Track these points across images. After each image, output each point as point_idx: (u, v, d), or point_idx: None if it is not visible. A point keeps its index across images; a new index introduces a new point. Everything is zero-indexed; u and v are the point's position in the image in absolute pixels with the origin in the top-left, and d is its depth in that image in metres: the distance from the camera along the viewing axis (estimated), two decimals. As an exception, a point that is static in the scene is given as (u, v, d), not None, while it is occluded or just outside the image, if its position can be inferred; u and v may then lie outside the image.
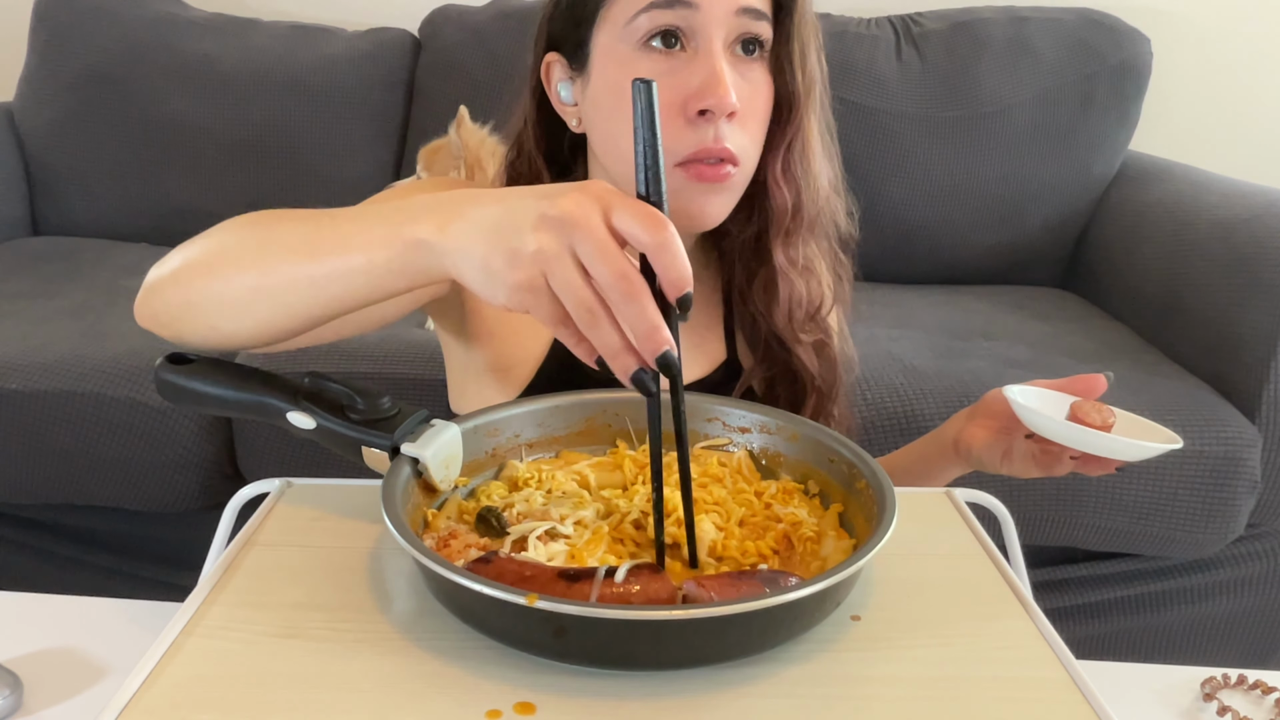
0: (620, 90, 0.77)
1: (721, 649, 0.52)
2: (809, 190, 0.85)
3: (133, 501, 1.49)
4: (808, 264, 0.89)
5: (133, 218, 2.08)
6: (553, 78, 0.86)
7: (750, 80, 0.80)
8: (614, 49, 0.79)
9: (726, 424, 0.74)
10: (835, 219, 0.90)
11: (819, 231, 0.89)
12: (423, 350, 1.46)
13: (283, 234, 0.66)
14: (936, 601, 0.59)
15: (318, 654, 0.53)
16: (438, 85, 2.02)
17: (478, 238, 0.55)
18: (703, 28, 0.77)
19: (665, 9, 0.76)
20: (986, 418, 0.84)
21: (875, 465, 0.64)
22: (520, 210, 0.54)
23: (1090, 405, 0.74)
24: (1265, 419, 1.38)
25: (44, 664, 0.75)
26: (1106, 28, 1.93)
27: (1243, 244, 1.49)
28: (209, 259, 0.69)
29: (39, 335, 1.53)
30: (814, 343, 0.90)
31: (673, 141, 0.77)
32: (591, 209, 0.52)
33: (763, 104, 0.81)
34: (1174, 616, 1.53)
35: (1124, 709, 0.50)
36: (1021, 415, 0.74)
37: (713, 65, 0.76)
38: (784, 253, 0.87)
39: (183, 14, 2.12)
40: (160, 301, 0.71)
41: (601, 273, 0.51)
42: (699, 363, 0.93)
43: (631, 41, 0.78)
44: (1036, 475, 0.81)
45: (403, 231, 0.59)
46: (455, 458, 0.66)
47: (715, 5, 0.76)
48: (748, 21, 0.78)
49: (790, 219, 0.86)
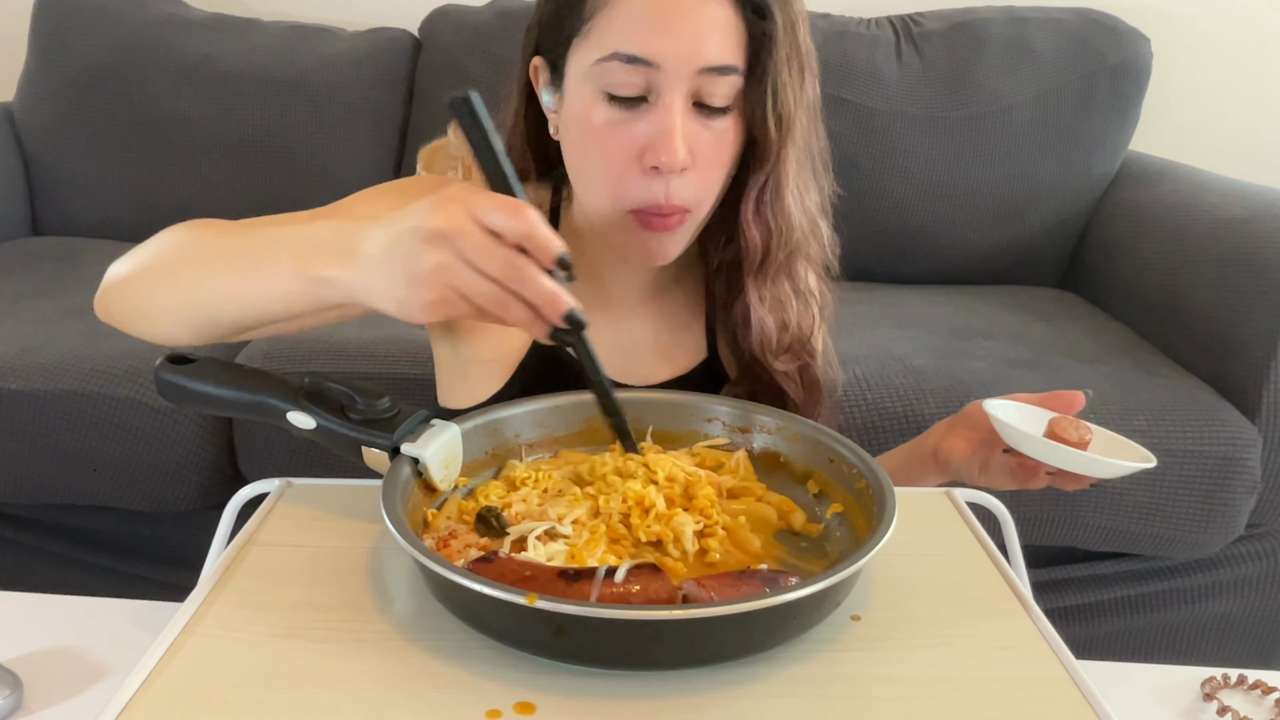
0: (582, 127, 0.79)
1: (721, 649, 0.52)
2: (782, 231, 0.84)
3: (133, 501, 1.49)
4: (781, 300, 0.88)
5: (133, 218, 2.07)
6: (539, 80, 0.86)
7: (714, 130, 0.78)
8: (581, 85, 0.78)
9: (726, 424, 0.74)
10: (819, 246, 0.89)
11: (797, 265, 0.88)
12: (423, 350, 1.46)
13: (208, 251, 0.74)
14: (936, 601, 0.59)
15: (318, 654, 0.53)
16: (438, 85, 2.02)
17: (377, 272, 0.62)
18: (664, 83, 0.75)
19: (627, 64, 0.75)
20: (967, 429, 0.84)
21: (875, 465, 0.64)
22: (403, 235, 0.60)
23: (1068, 421, 0.75)
24: (1265, 419, 1.38)
25: (44, 664, 0.75)
26: (1106, 28, 1.93)
27: (1243, 244, 1.49)
28: (148, 271, 0.77)
29: (39, 335, 1.53)
30: (796, 367, 0.90)
31: (625, 189, 0.78)
32: (462, 216, 0.58)
33: (726, 152, 0.80)
34: (1174, 616, 1.53)
35: (1124, 709, 0.50)
36: (1000, 431, 0.75)
37: (668, 122, 0.75)
38: (756, 290, 0.86)
39: (183, 14, 2.12)
40: (112, 305, 0.80)
41: (491, 268, 0.58)
42: (678, 360, 0.93)
43: (595, 83, 0.77)
44: (1012, 488, 0.82)
45: (308, 269, 0.65)
46: (455, 458, 0.67)
47: (678, 63, 0.74)
48: (711, 78, 0.75)
49: (761, 259, 0.85)
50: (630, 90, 0.76)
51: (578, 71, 0.79)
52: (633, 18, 0.75)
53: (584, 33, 0.78)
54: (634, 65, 0.75)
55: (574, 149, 0.82)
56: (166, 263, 0.77)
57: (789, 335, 0.89)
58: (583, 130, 0.79)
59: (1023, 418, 0.77)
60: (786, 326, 0.88)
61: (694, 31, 0.74)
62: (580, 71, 0.78)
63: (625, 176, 0.78)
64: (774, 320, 0.87)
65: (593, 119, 0.77)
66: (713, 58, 0.75)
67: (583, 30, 0.78)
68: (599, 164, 0.79)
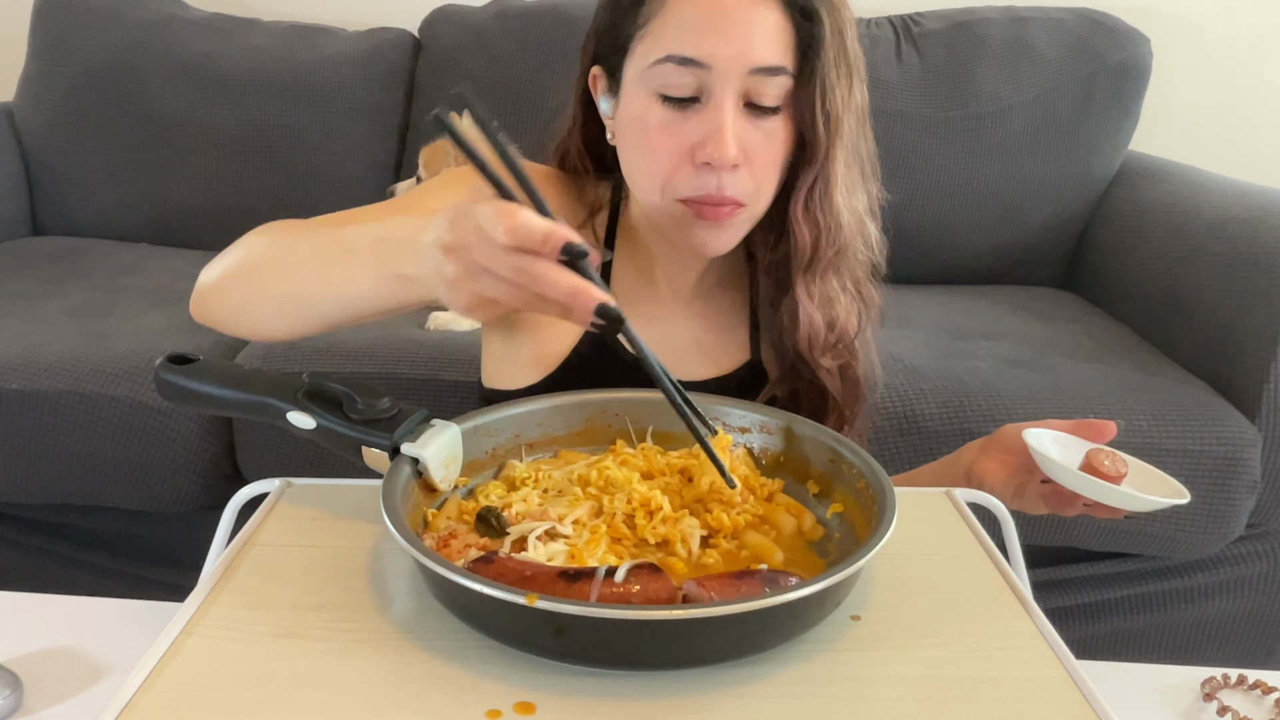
0: (637, 127, 0.82)
1: (721, 649, 0.52)
2: (830, 229, 0.86)
3: (133, 501, 1.49)
4: (829, 297, 0.90)
5: (133, 218, 2.07)
6: (598, 89, 0.89)
7: (764, 130, 0.81)
8: (637, 88, 0.82)
9: (727, 424, 0.74)
10: (866, 247, 0.91)
11: (845, 263, 0.90)
12: (423, 350, 1.46)
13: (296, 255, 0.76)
14: (936, 601, 0.59)
15: (318, 654, 0.53)
16: (438, 85, 2.02)
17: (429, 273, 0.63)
18: (715, 84, 0.78)
19: (680, 65, 0.78)
20: (1002, 453, 0.85)
21: (875, 465, 0.64)
22: (429, 248, 0.62)
23: (1105, 454, 0.76)
24: (1265, 419, 1.38)
25: (44, 664, 0.75)
26: (1106, 28, 1.93)
27: (1243, 244, 1.49)
28: (241, 274, 0.79)
29: (39, 335, 1.53)
30: (838, 365, 0.92)
31: (677, 182, 0.81)
32: (467, 229, 0.59)
33: (777, 152, 0.82)
34: (1174, 616, 1.53)
35: (1124, 709, 0.50)
36: (1041, 464, 0.77)
37: (720, 120, 0.78)
38: (804, 287, 0.88)
39: (183, 14, 2.12)
40: (210, 306, 0.82)
41: (506, 273, 0.58)
42: (720, 361, 0.95)
43: (650, 85, 0.80)
44: (1044, 513, 0.83)
45: (388, 266, 0.67)
46: (455, 458, 0.67)
47: (729, 64, 0.77)
48: (761, 79, 0.78)
49: (810, 256, 0.87)
50: (683, 91, 0.79)
51: (634, 76, 0.82)
52: (685, 21, 0.78)
53: (639, 38, 0.81)
54: (686, 66, 0.78)
55: (629, 148, 0.85)
56: (257, 265, 0.78)
57: (835, 333, 0.90)
58: (638, 130, 0.82)
59: (1060, 448, 0.79)
60: (834, 324, 0.90)
61: (744, 33, 0.77)
62: (636, 76, 0.82)
63: (678, 171, 0.81)
64: (822, 318, 0.89)
65: (648, 119, 0.81)
66: (762, 59, 0.78)
67: (638, 35, 0.81)
68: (652, 161, 0.82)
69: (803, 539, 0.65)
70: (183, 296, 0.85)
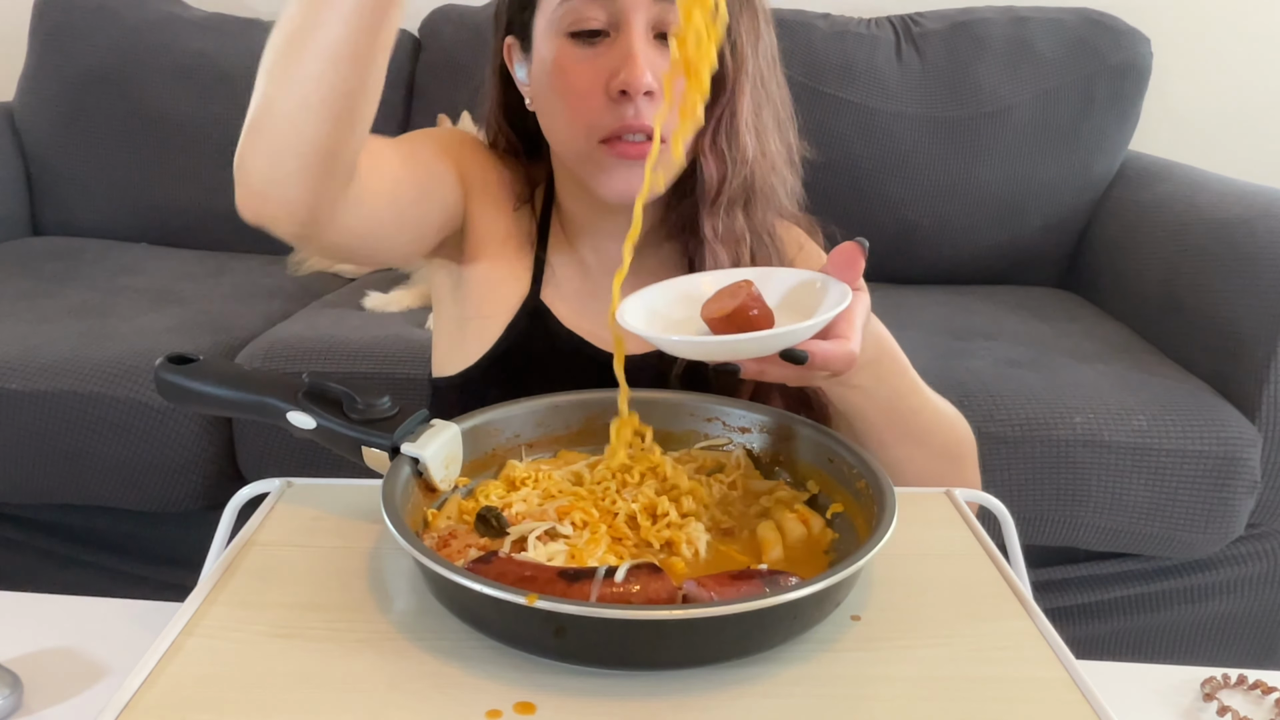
0: (550, 73, 0.83)
1: (721, 649, 0.52)
2: (736, 163, 0.86)
3: (133, 501, 1.49)
4: (736, 237, 0.89)
5: (133, 218, 2.07)
6: (513, 59, 0.89)
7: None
8: (547, 35, 0.83)
9: (726, 424, 0.74)
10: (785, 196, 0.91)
11: (756, 204, 0.89)
12: (423, 350, 1.46)
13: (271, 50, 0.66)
14: (936, 601, 0.59)
15: (318, 654, 0.53)
16: (438, 85, 2.02)
17: None
18: (624, 13, 0.80)
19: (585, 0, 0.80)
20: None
21: (875, 465, 0.64)
22: None
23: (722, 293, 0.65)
24: (1265, 419, 1.38)
25: (44, 664, 0.75)
26: (1106, 28, 1.93)
27: (1243, 244, 1.49)
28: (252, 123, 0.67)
29: (39, 335, 1.53)
30: None
31: (595, 119, 0.81)
32: None
33: None
34: (1174, 616, 1.53)
35: (1124, 709, 0.50)
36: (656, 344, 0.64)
37: (630, 45, 0.79)
38: (710, 225, 0.88)
39: (183, 14, 2.12)
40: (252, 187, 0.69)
41: None
42: None
43: (559, 28, 0.82)
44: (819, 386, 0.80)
45: None
46: (455, 458, 0.67)
47: None
48: (668, 7, 0.79)
49: (716, 191, 0.86)
50: (593, 24, 0.80)
51: (544, 27, 0.83)
52: None
53: None
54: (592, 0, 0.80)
55: (546, 98, 0.85)
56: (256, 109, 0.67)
57: None
58: (551, 75, 0.83)
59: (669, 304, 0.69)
60: (739, 264, 0.88)
61: None
62: (546, 25, 0.83)
63: (594, 107, 0.81)
64: (727, 254, 0.88)
65: (561, 61, 0.82)
66: None
67: None
68: (571, 100, 0.82)
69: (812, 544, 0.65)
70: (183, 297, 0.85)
